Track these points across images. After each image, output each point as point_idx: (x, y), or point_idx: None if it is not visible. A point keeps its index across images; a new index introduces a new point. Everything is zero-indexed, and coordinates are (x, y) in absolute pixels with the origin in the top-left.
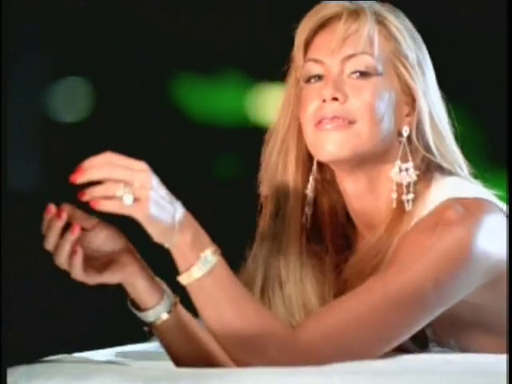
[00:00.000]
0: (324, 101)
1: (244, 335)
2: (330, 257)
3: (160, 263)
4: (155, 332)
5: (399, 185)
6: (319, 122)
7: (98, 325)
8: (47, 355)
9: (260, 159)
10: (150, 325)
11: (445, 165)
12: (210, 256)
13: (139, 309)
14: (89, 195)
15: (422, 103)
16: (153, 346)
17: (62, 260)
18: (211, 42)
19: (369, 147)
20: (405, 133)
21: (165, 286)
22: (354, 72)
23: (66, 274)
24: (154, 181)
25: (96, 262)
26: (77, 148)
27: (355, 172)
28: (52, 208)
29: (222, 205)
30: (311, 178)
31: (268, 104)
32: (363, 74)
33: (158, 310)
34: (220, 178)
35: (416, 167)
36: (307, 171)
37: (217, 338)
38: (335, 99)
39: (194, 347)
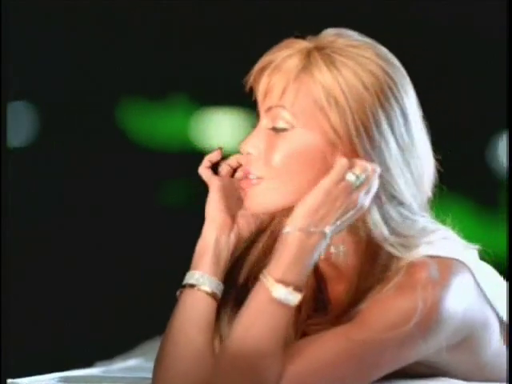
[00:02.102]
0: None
1: (249, 354)
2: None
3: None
4: (180, 299)
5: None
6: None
7: (43, 349)
8: None
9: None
10: (184, 287)
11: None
12: (291, 295)
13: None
14: None
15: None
16: (96, 370)
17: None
18: (158, 66)
19: (285, 203)
20: None
21: (220, 283)
22: (270, 127)
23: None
24: (363, 196)
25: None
26: (22, 174)
27: None
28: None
29: (169, 231)
30: None
31: (214, 129)
32: (276, 129)
33: (203, 278)
34: (167, 204)
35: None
36: None
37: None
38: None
39: (197, 335)
